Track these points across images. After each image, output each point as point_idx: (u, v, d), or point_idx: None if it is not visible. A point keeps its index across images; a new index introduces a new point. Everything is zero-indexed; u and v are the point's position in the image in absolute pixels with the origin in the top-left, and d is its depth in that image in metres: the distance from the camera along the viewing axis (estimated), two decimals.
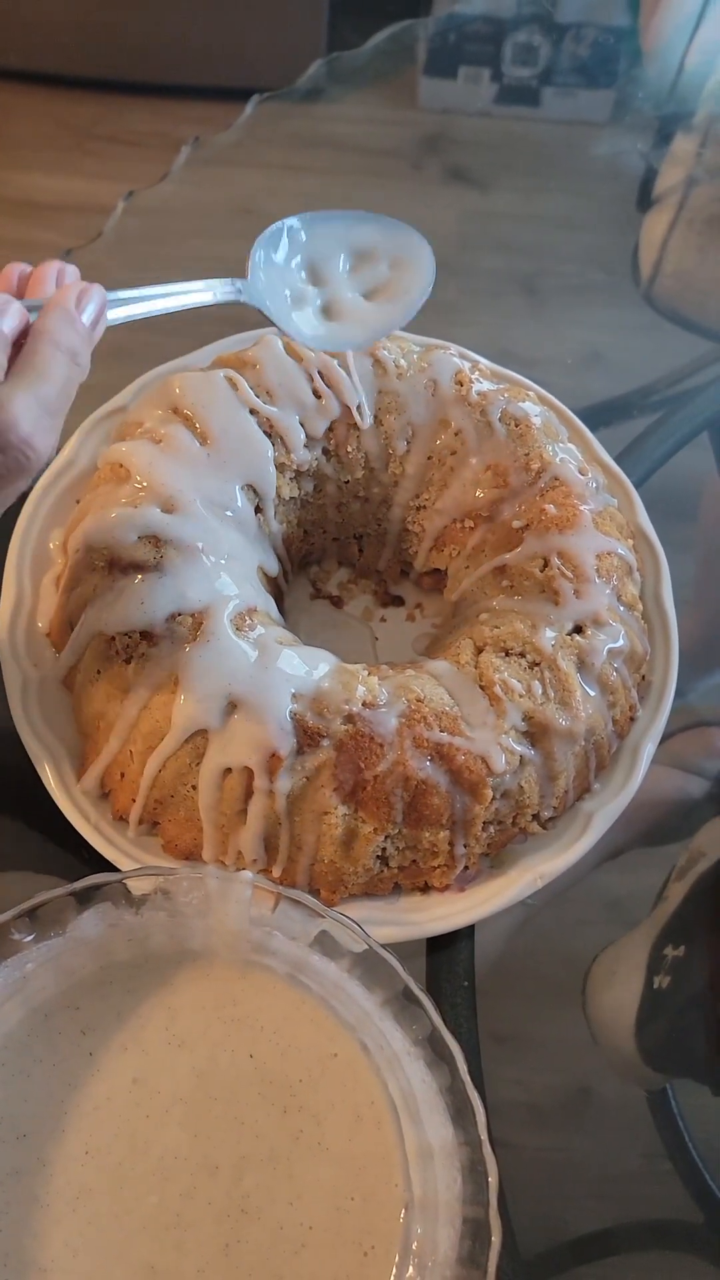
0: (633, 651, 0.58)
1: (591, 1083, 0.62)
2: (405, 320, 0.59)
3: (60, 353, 0.43)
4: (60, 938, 0.43)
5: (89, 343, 0.45)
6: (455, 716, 0.52)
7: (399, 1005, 0.43)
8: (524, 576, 0.58)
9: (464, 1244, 0.39)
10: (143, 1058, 0.43)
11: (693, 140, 1.03)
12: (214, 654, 0.52)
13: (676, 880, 0.67)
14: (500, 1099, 0.57)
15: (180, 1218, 0.40)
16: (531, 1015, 0.63)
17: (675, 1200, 0.59)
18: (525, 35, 1.24)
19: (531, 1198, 0.56)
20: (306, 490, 0.62)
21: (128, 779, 0.54)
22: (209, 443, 0.58)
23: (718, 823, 0.70)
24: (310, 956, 0.44)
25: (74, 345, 0.44)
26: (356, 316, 0.58)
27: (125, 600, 0.53)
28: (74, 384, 0.44)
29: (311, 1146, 0.41)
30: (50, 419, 0.42)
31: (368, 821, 0.52)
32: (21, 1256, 0.40)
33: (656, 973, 0.62)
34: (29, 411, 0.41)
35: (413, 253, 0.59)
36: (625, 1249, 0.59)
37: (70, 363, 0.44)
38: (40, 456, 0.42)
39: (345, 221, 0.59)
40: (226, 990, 0.44)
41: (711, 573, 0.86)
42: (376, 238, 0.59)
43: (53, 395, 0.43)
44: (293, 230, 0.57)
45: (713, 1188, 0.58)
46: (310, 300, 0.58)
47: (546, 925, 0.64)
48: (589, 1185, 0.60)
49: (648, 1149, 0.60)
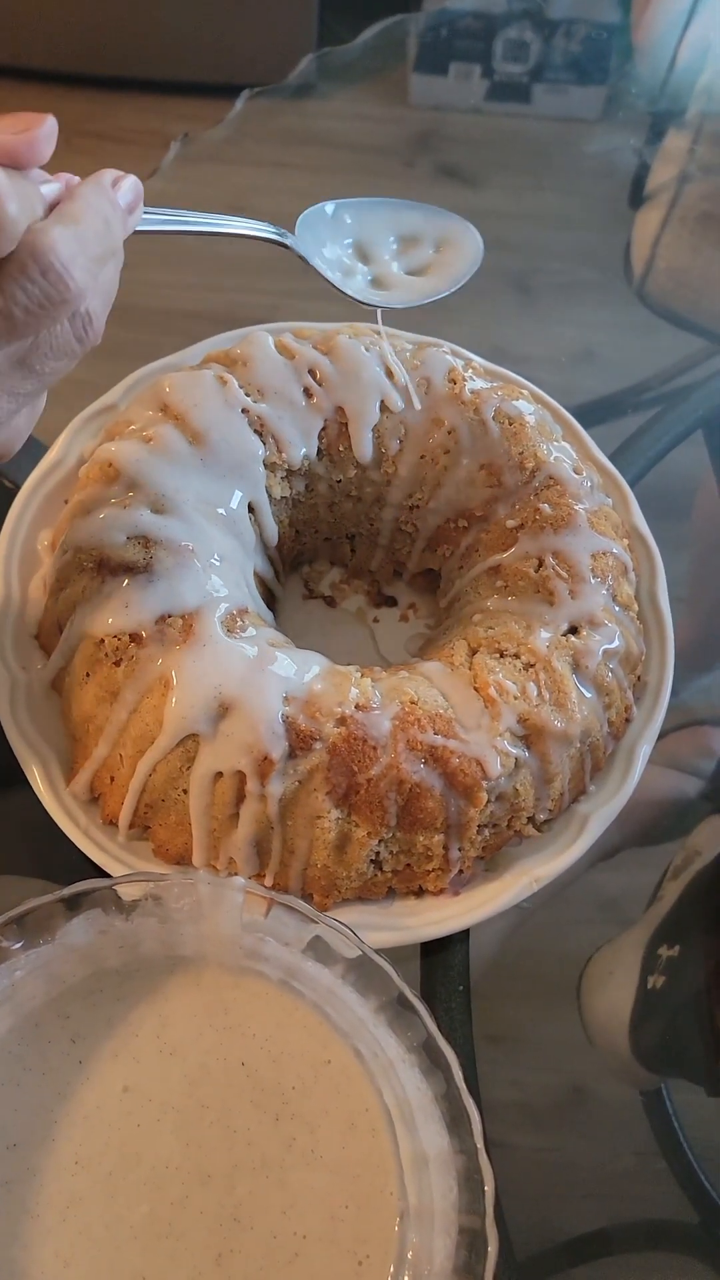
0: (628, 652, 0.58)
1: (586, 1083, 0.62)
2: (452, 288, 0.60)
3: (94, 210, 0.42)
4: (50, 945, 0.43)
5: (123, 222, 0.44)
6: (449, 719, 0.52)
7: (393, 1012, 0.42)
8: (518, 577, 0.58)
9: (460, 1254, 0.39)
10: (134, 1066, 0.43)
11: (685, 137, 1.03)
12: (205, 656, 0.51)
13: (671, 879, 0.67)
14: (495, 1099, 0.57)
15: (172, 1227, 0.40)
16: (526, 1015, 0.63)
17: (670, 1200, 0.59)
18: (516, 31, 1.23)
19: (526, 1198, 0.56)
20: (298, 489, 0.61)
21: (117, 783, 0.54)
22: (199, 442, 0.57)
23: (713, 821, 0.69)
24: (303, 962, 0.43)
25: (107, 213, 0.43)
26: (403, 285, 0.59)
27: (114, 602, 0.52)
28: (109, 244, 0.43)
29: (305, 1154, 0.41)
30: (86, 258, 0.41)
31: (361, 825, 0.51)
32: (11, 1268, 0.39)
33: (651, 972, 0.62)
34: (66, 242, 0.40)
35: (458, 235, 0.60)
36: (620, 1249, 0.59)
37: (104, 225, 0.43)
38: (79, 289, 0.41)
39: (391, 208, 0.60)
40: (218, 997, 0.44)
41: (706, 571, 0.86)
42: (422, 222, 0.61)
43: (90, 236, 0.42)
44: (338, 210, 0.58)
45: (708, 1188, 0.58)
46: (359, 274, 0.59)
47: (541, 925, 0.64)
48: (584, 1186, 0.60)
49: (643, 1149, 0.60)
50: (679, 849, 0.68)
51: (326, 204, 0.59)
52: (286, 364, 0.60)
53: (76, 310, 0.42)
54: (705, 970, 0.63)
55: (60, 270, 0.40)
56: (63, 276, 0.40)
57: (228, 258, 0.99)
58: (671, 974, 0.62)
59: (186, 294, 0.93)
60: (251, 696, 0.50)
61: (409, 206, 0.60)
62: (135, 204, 0.46)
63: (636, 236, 0.98)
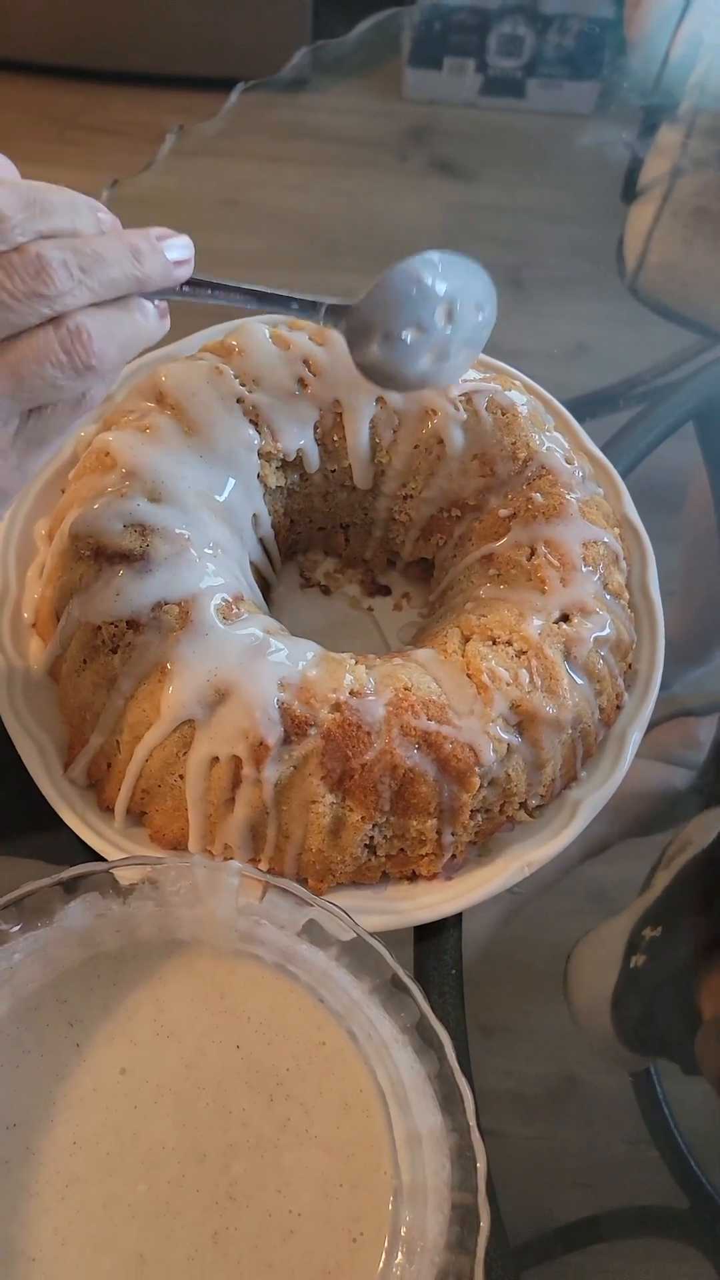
0: (619, 640, 0.58)
1: (578, 1072, 0.62)
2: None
3: (105, 243, 0.42)
4: (48, 928, 0.43)
5: (143, 263, 0.44)
6: (443, 705, 0.52)
7: (387, 993, 0.43)
8: (511, 565, 0.58)
9: (453, 1229, 0.39)
10: (131, 1049, 0.43)
11: (677, 131, 1.03)
12: (201, 643, 0.51)
13: (663, 869, 0.67)
14: (488, 1089, 0.57)
15: (169, 1206, 0.40)
16: (519, 1006, 0.64)
17: (661, 1186, 0.59)
18: (510, 26, 1.24)
19: (519, 1187, 0.56)
20: (293, 479, 0.62)
21: (115, 769, 0.54)
22: (194, 432, 0.57)
23: (708, 815, 0.70)
24: (298, 945, 0.44)
25: (117, 251, 0.43)
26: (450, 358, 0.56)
27: (111, 590, 0.53)
28: (110, 273, 0.42)
29: (299, 1134, 0.42)
30: (76, 259, 0.41)
31: (355, 810, 0.52)
32: (10, 1246, 0.40)
33: (634, 952, 0.63)
34: (58, 246, 0.41)
35: (488, 297, 0.56)
36: (611, 1236, 0.60)
37: (110, 251, 0.42)
38: (60, 286, 0.41)
39: (465, 273, 0.54)
40: (214, 981, 0.44)
41: (698, 564, 0.86)
42: (477, 288, 0.55)
43: (85, 249, 0.41)
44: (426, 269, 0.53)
45: (698, 1172, 0.59)
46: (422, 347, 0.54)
47: (534, 916, 0.65)
48: (575, 1174, 0.60)
49: (634, 1136, 0.60)
50: (672, 840, 0.68)
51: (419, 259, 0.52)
52: (281, 354, 0.60)
53: (63, 319, 0.41)
54: (690, 949, 0.63)
55: (38, 255, 0.40)
56: (43, 260, 0.40)
57: (219, 252, 0.99)
58: (652, 954, 0.63)
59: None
60: (247, 683, 0.51)
61: (470, 272, 0.54)
62: (184, 261, 0.46)
63: (629, 231, 0.98)
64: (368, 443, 0.61)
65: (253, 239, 1.05)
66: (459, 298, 0.54)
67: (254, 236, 1.03)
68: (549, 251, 1.02)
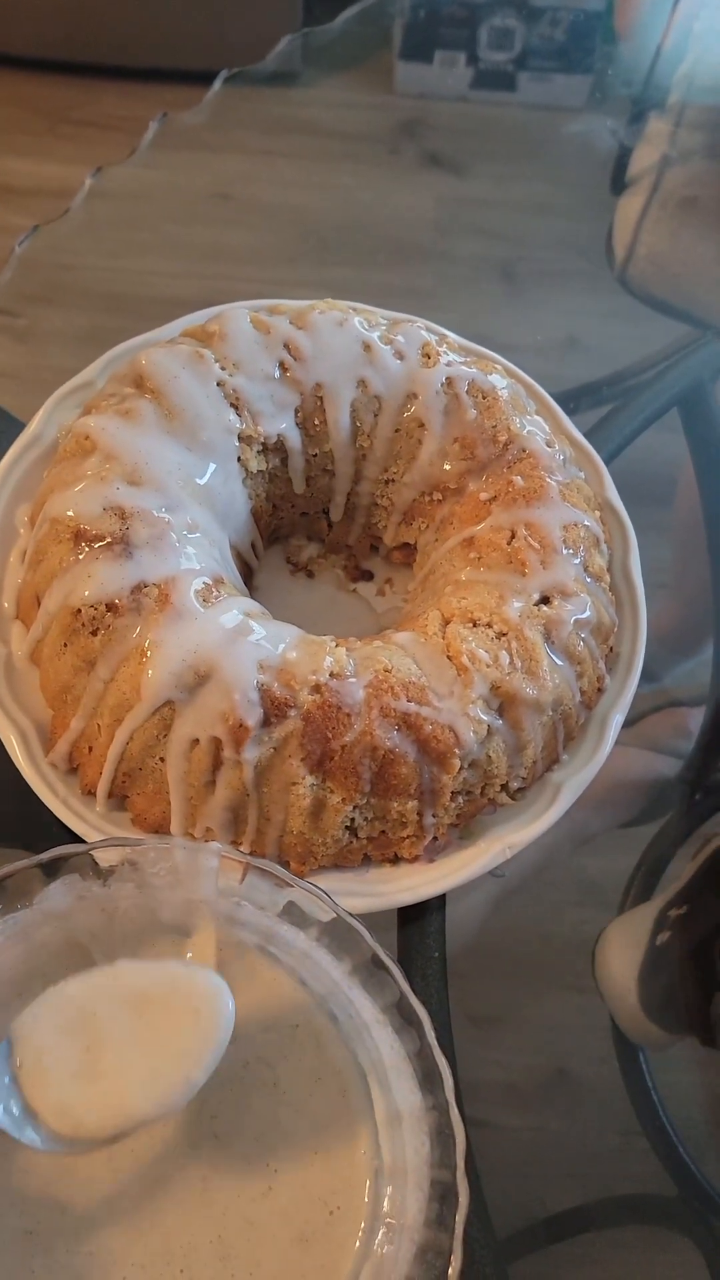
0: (600, 622, 0.58)
1: (568, 1064, 0.63)
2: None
3: None
4: (27, 909, 0.43)
5: None
6: (423, 686, 0.52)
7: (367, 973, 0.43)
8: (491, 548, 0.58)
9: (432, 1206, 0.39)
10: None
11: (666, 122, 1.03)
12: (181, 625, 0.51)
13: (690, 861, 0.68)
14: (478, 1080, 0.57)
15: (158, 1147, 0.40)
16: (509, 997, 0.64)
17: (650, 1176, 0.60)
18: (500, 19, 1.24)
19: (509, 1177, 0.56)
20: (274, 464, 0.62)
21: (95, 752, 0.54)
22: (175, 416, 0.57)
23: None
24: (279, 927, 0.44)
25: None
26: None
27: (91, 573, 0.53)
28: None
29: (264, 1082, 0.42)
30: None
31: (336, 792, 0.52)
32: None
33: (660, 930, 0.63)
34: None
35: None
36: (600, 1225, 0.60)
37: None
38: None
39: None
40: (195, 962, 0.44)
41: (689, 556, 0.86)
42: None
43: None
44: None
45: (686, 1159, 0.59)
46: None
47: (522, 907, 0.65)
48: (565, 1164, 0.60)
49: (623, 1127, 0.61)
50: (698, 837, 0.69)
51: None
52: (261, 338, 0.60)
53: None
54: (711, 924, 0.64)
55: None
56: None
57: (210, 246, 0.99)
58: (676, 930, 0.63)
59: (169, 281, 0.93)
60: (227, 664, 0.51)
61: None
62: None
63: (618, 222, 0.99)
64: (349, 427, 0.61)
65: (245, 233, 1.05)
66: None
67: (246, 230, 1.04)
68: (540, 245, 1.03)
